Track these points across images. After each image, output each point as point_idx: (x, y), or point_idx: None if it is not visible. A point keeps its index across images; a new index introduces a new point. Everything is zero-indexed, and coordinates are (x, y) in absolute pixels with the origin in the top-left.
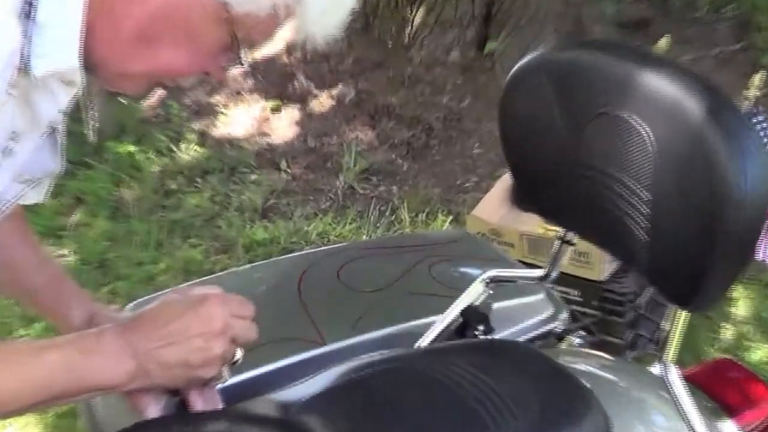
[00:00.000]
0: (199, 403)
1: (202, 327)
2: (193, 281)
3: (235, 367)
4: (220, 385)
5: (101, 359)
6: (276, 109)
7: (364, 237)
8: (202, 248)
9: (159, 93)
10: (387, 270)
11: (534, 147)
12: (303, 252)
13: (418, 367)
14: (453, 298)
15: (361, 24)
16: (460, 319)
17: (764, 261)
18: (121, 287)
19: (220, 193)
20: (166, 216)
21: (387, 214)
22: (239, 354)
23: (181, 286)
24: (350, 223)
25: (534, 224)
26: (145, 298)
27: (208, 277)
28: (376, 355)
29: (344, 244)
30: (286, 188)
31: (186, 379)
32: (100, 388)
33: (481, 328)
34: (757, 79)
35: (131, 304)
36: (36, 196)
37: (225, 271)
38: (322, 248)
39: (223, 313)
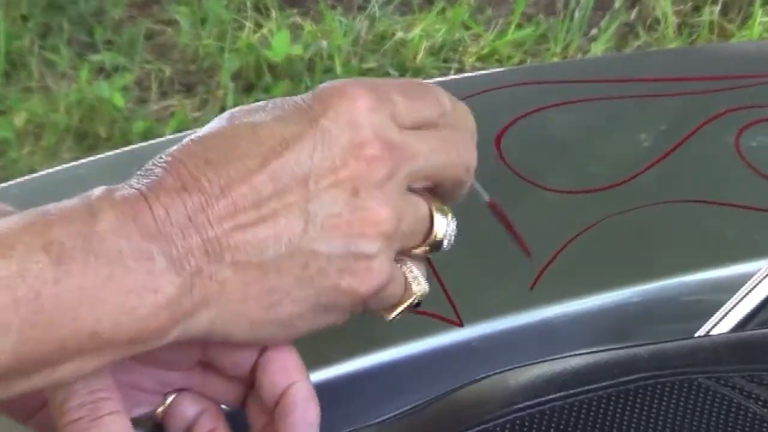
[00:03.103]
0: None
1: (353, 164)
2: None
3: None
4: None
5: (96, 274)
6: None
7: (555, 59)
8: (126, 79)
9: None
10: (618, 140)
11: None
12: None
13: (711, 392)
14: None
15: None
16: None
17: None
18: None
19: None
20: None
21: (617, 3)
22: (447, 224)
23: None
24: (518, 27)
25: None
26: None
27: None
28: (585, 357)
29: (505, 69)
30: None
31: (329, 302)
32: (101, 346)
33: None
34: None
35: None
36: None
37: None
38: (451, 78)
39: (391, 129)
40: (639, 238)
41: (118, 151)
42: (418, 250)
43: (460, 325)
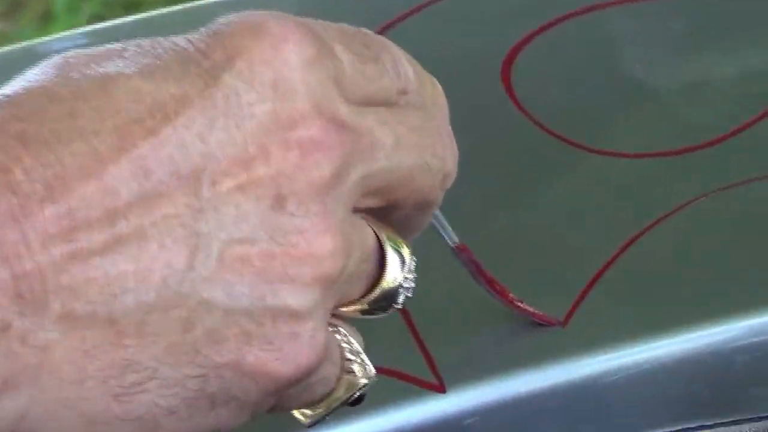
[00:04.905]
0: None
1: (277, 154)
2: None
3: None
4: None
5: None
6: None
7: None
8: None
9: None
10: (717, 66)
11: None
12: None
13: None
14: None
15: None
16: None
17: None
18: None
19: None
20: None
21: None
22: (403, 265)
23: None
24: None
25: None
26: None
27: None
28: None
29: None
30: None
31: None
32: None
33: None
34: None
35: None
36: None
37: None
38: None
39: (337, 100)
40: (749, 236)
41: None
42: (355, 308)
43: (442, 390)
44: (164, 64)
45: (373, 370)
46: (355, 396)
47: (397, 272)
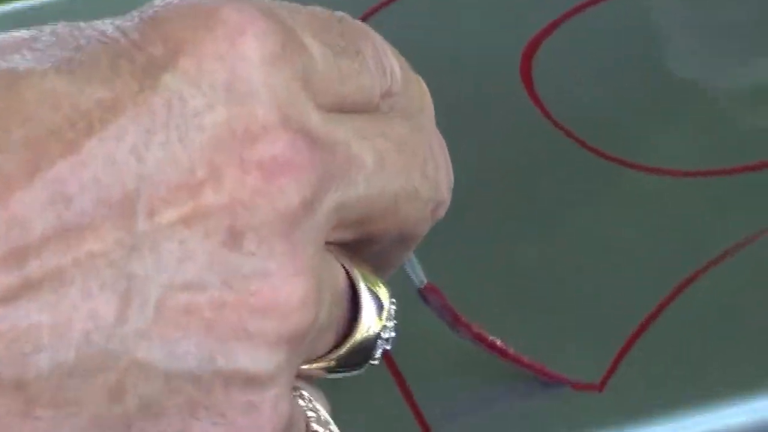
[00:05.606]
0: None
1: (233, 175)
2: None
3: None
4: None
5: None
6: None
7: None
8: None
9: None
10: None
11: None
12: None
13: None
14: None
15: None
16: None
17: None
18: None
19: None
20: None
21: None
22: (381, 310)
23: None
24: None
25: None
26: None
27: None
28: None
29: None
30: None
31: None
32: None
33: None
34: None
35: None
36: None
37: None
38: None
39: (307, 106)
40: None
41: None
42: (320, 365)
43: None
44: (88, 59)
45: None
46: None
47: (373, 319)
